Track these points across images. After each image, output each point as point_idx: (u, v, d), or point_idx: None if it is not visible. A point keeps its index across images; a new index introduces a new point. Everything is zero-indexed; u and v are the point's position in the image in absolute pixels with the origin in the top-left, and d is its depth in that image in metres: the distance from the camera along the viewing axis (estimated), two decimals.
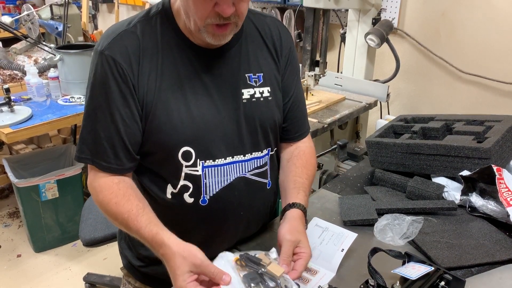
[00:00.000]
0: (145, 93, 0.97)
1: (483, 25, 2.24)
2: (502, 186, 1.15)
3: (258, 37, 1.10)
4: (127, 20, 1.02)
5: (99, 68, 0.96)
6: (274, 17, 1.18)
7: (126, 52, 0.96)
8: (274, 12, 2.91)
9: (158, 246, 0.89)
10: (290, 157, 1.16)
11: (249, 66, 1.07)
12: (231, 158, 1.04)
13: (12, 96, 2.32)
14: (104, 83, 0.96)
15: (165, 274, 1.10)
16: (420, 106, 2.61)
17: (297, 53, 1.21)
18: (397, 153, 1.38)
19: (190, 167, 1.01)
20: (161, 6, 1.03)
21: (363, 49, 2.27)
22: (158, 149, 1.00)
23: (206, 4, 0.89)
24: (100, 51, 0.97)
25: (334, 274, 1.00)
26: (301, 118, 1.19)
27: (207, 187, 1.03)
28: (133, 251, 1.18)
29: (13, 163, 2.58)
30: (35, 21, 3.10)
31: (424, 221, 1.16)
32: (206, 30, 0.93)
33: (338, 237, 1.08)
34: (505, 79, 2.21)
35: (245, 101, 1.05)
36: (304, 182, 1.10)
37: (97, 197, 1.00)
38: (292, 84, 1.15)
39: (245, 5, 0.94)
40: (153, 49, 0.99)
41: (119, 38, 0.97)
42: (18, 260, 2.54)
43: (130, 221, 0.93)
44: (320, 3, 1.98)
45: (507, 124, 1.34)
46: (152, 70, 0.98)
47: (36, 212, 2.50)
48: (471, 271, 1.01)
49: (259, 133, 1.07)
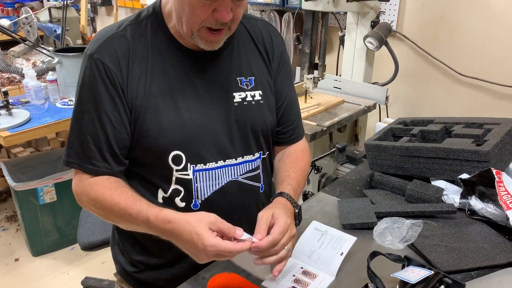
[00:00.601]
0: (134, 97, 0.97)
1: (481, 28, 2.24)
2: (502, 189, 1.15)
3: (250, 41, 1.10)
4: (117, 24, 1.01)
5: (88, 72, 0.96)
6: (265, 21, 1.18)
7: (116, 55, 0.96)
8: (272, 14, 2.91)
9: (164, 223, 0.87)
10: (281, 157, 1.17)
11: (241, 70, 1.07)
12: (222, 162, 1.04)
13: (10, 99, 2.32)
14: (93, 86, 0.96)
15: (159, 279, 1.09)
16: (419, 109, 2.61)
17: (296, 55, 1.21)
18: (396, 156, 1.38)
19: (181, 171, 1.00)
20: (152, 9, 1.02)
21: (362, 52, 2.27)
22: (148, 153, 1.00)
23: (205, 10, 0.89)
24: (89, 55, 0.96)
25: (333, 278, 1.00)
26: (295, 121, 1.19)
27: (198, 191, 1.02)
28: (126, 257, 1.17)
29: (11, 166, 2.57)
30: (34, 24, 3.10)
31: (423, 225, 1.15)
32: (199, 35, 0.93)
33: (337, 240, 1.07)
34: (504, 82, 2.21)
35: (236, 104, 1.05)
36: (290, 174, 1.09)
37: (88, 195, 0.98)
38: (285, 87, 1.15)
39: (241, 10, 0.94)
40: (143, 53, 0.98)
41: (109, 41, 0.97)
42: (16, 264, 2.53)
43: (129, 207, 0.92)
44: (319, 6, 1.99)
45: (506, 127, 1.34)
46: (142, 74, 0.97)
47: (34, 216, 2.49)
48: (471, 275, 1.00)
49: (251, 136, 1.07)
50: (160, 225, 0.88)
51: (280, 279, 0.99)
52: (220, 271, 1.03)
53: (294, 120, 1.18)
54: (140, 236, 1.11)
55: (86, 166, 0.98)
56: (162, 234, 0.89)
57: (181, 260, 1.09)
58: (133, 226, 0.95)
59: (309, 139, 1.80)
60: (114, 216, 0.96)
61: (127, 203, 0.92)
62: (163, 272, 1.11)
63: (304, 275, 1.01)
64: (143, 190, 1.04)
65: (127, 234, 1.13)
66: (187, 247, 0.85)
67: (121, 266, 1.19)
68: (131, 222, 0.93)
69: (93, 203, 0.98)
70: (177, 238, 0.86)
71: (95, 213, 1.00)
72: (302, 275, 1.01)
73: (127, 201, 0.93)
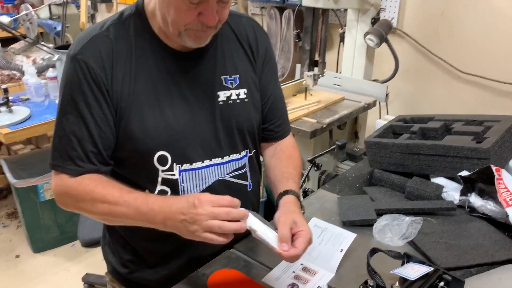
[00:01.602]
0: (119, 98, 0.96)
1: (482, 25, 2.23)
2: (501, 186, 1.15)
3: (234, 39, 1.09)
4: (100, 23, 1.00)
5: (72, 73, 0.95)
6: (249, 17, 1.17)
7: (100, 56, 0.94)
8: (273, 11, 2.90)
9: (163, 200, 0.89)
10: (273, 153, 1.16)
11: (225, 68, 1.06)
12: (208, 161, 1.03)
13: (11, 96, 2.32)
14: (77, 88, 0.94)
15: (149, 280, 1.08)
16: (419, 106, 2.60)
17: (296, 52, 1.21)
18: (396, 154, 1.38)
19: (167, 171, 1.00)
20: (135, 8, 1.00)
21: (362, 49, 2.26)
22: (133, 154, 0.99)
23: (189, 13, 0.88)
24: (72, 56, 0.95)
25: (333, 275, 1.00)
26: (281, 118, 1.19)
27: (185, 191, 1.02)
28: (116, 257, 1.16)
29: (11, 163, 2.57)
30: (34, 21, 3.10)
31: (423, 222, 1.15)
32: (186, 34, 0.92)
33: (337, 237, 1.08)
34: (504, 79, 2.21)
35: (221, 103, 1.04)
36: (291, 172, 1.10)
37: (76, 190, 0.95)
38: (270, 84, 1.15)
39: (227, 11, 0.93)
40: (127, 53, 0.97)
41: (92, 42, 0.95)
42: (17, 261, 2.54)
43: (124, 194, 0.92)
44: (319, 3, 1.98)
45: (506, 124, 1.34)
46: (125, 74, 0.96)
47: (34, 213, 2.49)
48: (470, 272, 1.01)
49: (236, 135, 1.07)
50: (159, 203, 0.89)
51: (280, 276, 1.00)
52: (220, 268, 1.03)
53: (281, 116, 1.18)
54: (129, 237, 1.10)
55: (71, 167, 0.96)
56: (158, 212, 0.88)
57: (171, 261, 1.09)
58: (125, 215, 0.92)
59: (309, 137, 1.80)
60: (107, 205, 0.93)
61: (122, 192, 0.92)
62: (153, 273, 1.11)
63: (304, 271, 1.01)
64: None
65: (118, 235, 1.12)
66: (182, 213, 0.85)
67: (112, 266, 1.19)
68: (124, 209, 0.91)
69: (82, 197, 0.95)
70: (173, 211, 0.86)
71: (81, 210, 0.97)
72: (302, 271, 1.02)
73: (121, 191, 0.93)
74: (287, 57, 2.86)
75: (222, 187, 1.05)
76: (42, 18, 3.18)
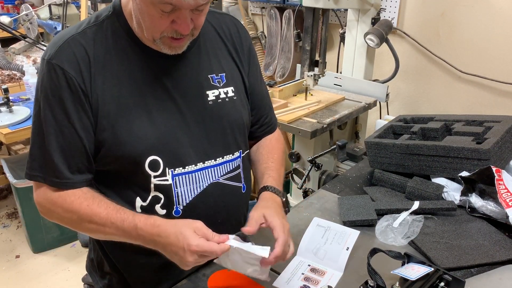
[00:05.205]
0: (101, 103, 0.92)
1: (482, 25, 2.23)
2: (501, 187, 1.15)
3: (216, 37, 1.07)
4: (76, 26, 0.96)
5: (47, 79, 0.90)
6: (230, 15, 1.15)
7: (75, 59, 0.90)
8: (273, 11, 2.90)
9: (152, 227, 0.87)
10: (257, 148, 1.17)
11: (211, 67, 1.04)
12: (202, 164, 1.00)
13: (11, 97, 2.32)
14: (53, 94, 0.90)
15: (151, 280, 1.06)
16: (420, 106, 2.60)
17: (297, 52, 1.21)
18: (397, 154, 1.38)
19: (159, 177, 0.96)
20: (112, 9, 0.97)
21: (363, 49, 2.26)
22: (123, 161, 0.94)
23: (163, 21, 0.86)
24: (47, 60, 0.90)
25: (342, 273, 1.00)
26: (269, 114, 1.19)
27: (179, 196, 0.98)
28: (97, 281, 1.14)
29: (11, 163, 2.57)
30: (34, 21, 3.10)
31: (423, 221, 1.15)
32: (162, 42, 0.90)
33: (341, 235, 1.08)
34: (504, 79, 2.21)
35: (211, 102, 1.02)
36: (270, 165, 1.10)
37: (61, 207, 0.93)
38: (256, 81, 1.14)
39: (203, 18, 0.91)
40: (106, 55, 0.93)
41: (67, 45, 0.91)
42: (17, 261, 2.54)
43: (111, 216, 0.90)
44: (319, 3, 1.98)
45: (507, 125, 1.34)
46: (106, 78, 0.92)
47: (34, 213, 2.48)
48: (471, 272, 1.01)
49: (229, 134, 1.04)
50: (148, 230, 0.87)
51: (290, 279, 0.99)
52: (220, 268, 1.03)
53: (268, 113, 1.19)
54: (111, 254, 1.07)
55: (52, 179, 0.93)
56: (148, 239, 0.88)
57: (150, 280, 1.07)
58: (113, 235, 0.92)
59: (310, 136, 1.80)
60: (94, 225, 0.92)
61: (108, 212, 0.90)
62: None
63: (312, 272, 1.01)
64: (119, 200, 0.98)
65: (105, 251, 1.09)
66: (172, 249, 0.85)
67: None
68: (112, 231, 0.91)
69: (68, 215, 0.93)
70: (162, 242, 0.86)
71: (67, 224, 0.96)
72: (311, 272, 1.01)
73: (108, 210, 0.90)
74: (288, 57, 2.86)
75: (216, 190, 1.03)
76: (42, 18, 3.18)
